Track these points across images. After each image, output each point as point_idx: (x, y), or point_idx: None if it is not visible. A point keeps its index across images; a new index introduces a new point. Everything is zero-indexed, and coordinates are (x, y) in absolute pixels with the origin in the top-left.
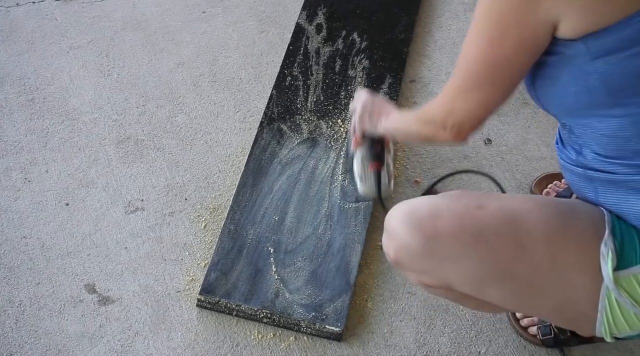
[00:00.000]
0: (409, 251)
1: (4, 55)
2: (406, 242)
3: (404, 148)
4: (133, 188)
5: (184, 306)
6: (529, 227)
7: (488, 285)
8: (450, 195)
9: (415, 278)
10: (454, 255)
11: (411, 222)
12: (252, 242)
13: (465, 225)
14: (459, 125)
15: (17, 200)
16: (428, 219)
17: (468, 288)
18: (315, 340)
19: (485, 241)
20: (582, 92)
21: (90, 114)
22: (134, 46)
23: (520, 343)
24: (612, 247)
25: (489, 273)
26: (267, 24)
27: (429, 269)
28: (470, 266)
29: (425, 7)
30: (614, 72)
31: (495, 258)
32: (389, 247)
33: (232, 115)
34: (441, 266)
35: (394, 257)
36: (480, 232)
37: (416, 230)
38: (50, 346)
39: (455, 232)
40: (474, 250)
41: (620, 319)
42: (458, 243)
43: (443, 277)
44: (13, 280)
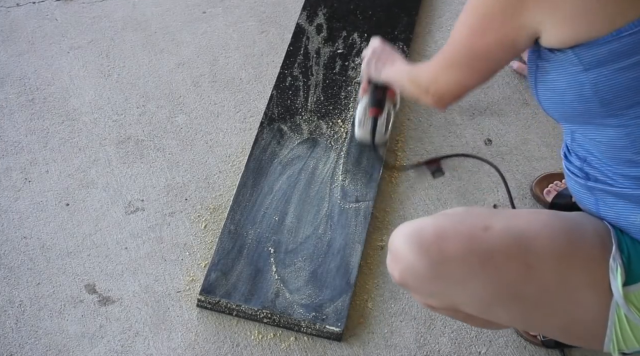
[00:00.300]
0: (415, 274)
1: (4, 55)
2: (411, 264)
3: (404, 148)
4: (133, 188)
5: (184, 306)
6: (536, 248)
7: (495, 307)
8: (454, 214)
9: (421, 300)
10: (461, 277)
11: (416, 244)
12: (252, 241)
13: (472, 247)
14: (440, 94)
15: (17, 200)
16: (433, 241)
17: (475, 309)
18: (315, 340)
19: (492, 263)
20: (577, 101)
21: (90, 114)
22: (134, 46)
23: (520, 343)
24: (620, 261)
25: (497, 295)
26: (267, 24)
27: (435, 292)
28: (478, 288)
29: (425, 7)
30: (605, 84)
31: (503, 280)
32: (394, 268)
33: (232, 115)
34: (448, 288)
35: (399, 278)
36: (488, 254)
37: (422, 253)
38: (50, 346)
39: (462, 254)
40: (482, 273)
41: (629, 334)
42: (465, 266)
43: (450, 299)
44: (13, 280)
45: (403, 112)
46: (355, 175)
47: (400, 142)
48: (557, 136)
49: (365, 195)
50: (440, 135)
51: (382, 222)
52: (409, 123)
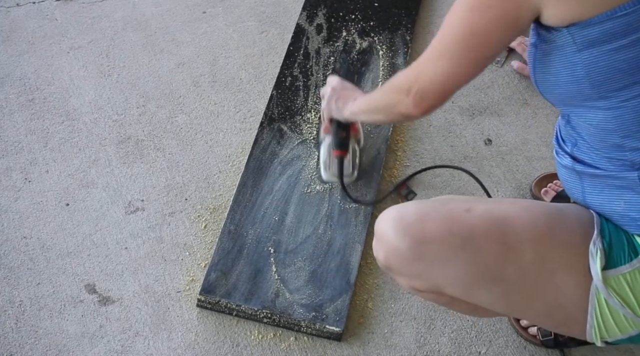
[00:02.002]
0: (398, 254)
1: (4, 55)
2: (395, 245)
3: (404, 148)
4: (133, 188)
5: (184, 306)
6: (516, 229)
7: (477, 288)
8: (438, 199)
9: (406, 283)
10: (443, 258)
11: (399, 226)
12: (252, 241)
13: (454, 228)
14: (422, 92)
15: (17, 200)
16: (416, 222)
17: (458, 291)
18: (315, 340)
19: (473, 243)
20: (570, 82)
21: (90, 114)
22: (134, 46)
23: (520, 343)
24: (601, 246)
25: (478, 276)
26: (267, 24)
27: (418, 273)
28: (459, 268)
29: (425, 7)
30: (596, 65)
31: (483, 260)
32: (379, 250)
33: (232, 115)
34: (430, 269)
35: (383, 260)
36: (468, 235)
37: (404, 234)
38: (50, 346)
39: (443, 234)
40: (462, 253)
41: (610, 321)
42: (446, 246)
43: (432, 280)
44: (13, 280)
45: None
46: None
47: (400, 142)
48: None
49: (365, 194)
50: (440, 135)
51: None
52: (409, 123)
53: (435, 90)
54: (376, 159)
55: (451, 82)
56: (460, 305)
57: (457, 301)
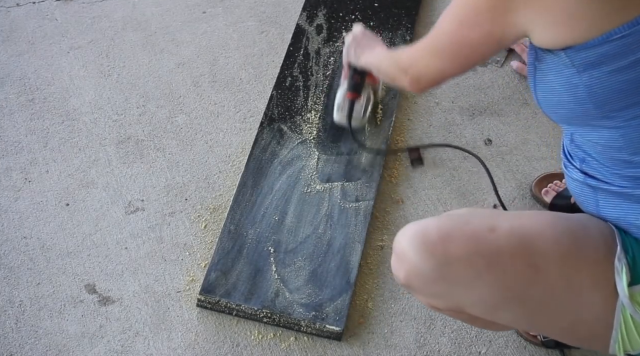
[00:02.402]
0: (420, 275)
1: (4, 55)
2: (417, 265)
3: (404, 148)
4: (133, 188)
5: (184, 306)
6: (541, 249)
7: (501, 308)
8: (458, 214)
9: (426, 301)
10: (467, 279)
11: (421, 246)
12: (252, 241)
13: (478, 248)
14: (417, 77)
15: (17, 200)
16: (439, 242)
17: (480, 311)
18: (315, 340)
19: (498, 265)
20: (573, 102)
21: (90, 114)
22: (134, 46)
23: (520, 343)
24: (625, 261)
25: (502, 297)
26: (267, 24)
27: (440, 293)
28: (483, 290)
29: (425, 7)
30: (598, 86)
31: (509, 281)
32: (399, 269)
33: (232, 115)
34: (453, 290)
35: (404, 280)
36: (494, 256)
37: (427, 254)
38: (50, 346)
39: (467, 256)
40: (487, 274)
41: (635, 335)
42: (471, 267)
43: (454, 301)
44: (13, 280)
45: (403, 112)
46: (355, 174)
47: (400, 142)
48: (557, 136)
49: (365, 194)
50: (440, 135)
51: (382, 222)
52: (409, 123)
53: (428, 79)
54: (376, 159)
55: (442, 75)
56: (479, 321)
57: (477, 319)
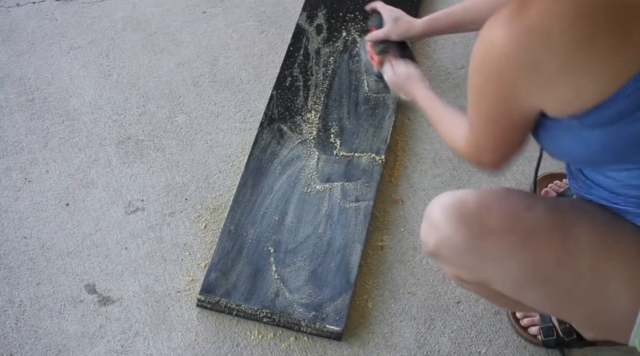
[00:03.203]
0: (452, 245)
1: (4, 55)
2: (449, 234)
3: (404, 148)
4: (133, 188)
5: (184, 306)
6: (576, 234)
7: (527, 288)
8: (494, 190)
9: (451, 271)
10: (499, 254)
11: (457, 214)
12: (252, 241)
13: (514, 224)
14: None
15: (17, 200)
16: (475, 214)
17: (507, 288)
18: (315, 340)
19: (532, 244)
20: (586, 153)
21: (90, 114)
22: (134, 46)
23: (520, 343)
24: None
25: (531, 276)
26: (267, 24)
27: (469, 265)
28: (514, 267)
29: (425, 7)
30: (613, 140)
31: (540, 262)
32: (430, 236)
33: (232, 115)
34: (483, 264)
35: (433, 248)
36: (529, 234)
37: (462, 225)
38: (50, 346)
39: (503, 230)
40: (520, 252)
41: None
42: (505, 243)
43: (482, 274)
44: (13, 280)
45: (403, 112)
46: (355, 174)
47: (400, 142)
48: None
49: (365, 194)
50: None
51: (382, 222)
52: (408, 123)
53: (502, 165)
54: (376, 159)
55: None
56: (501, 299)
57: (499, 296)
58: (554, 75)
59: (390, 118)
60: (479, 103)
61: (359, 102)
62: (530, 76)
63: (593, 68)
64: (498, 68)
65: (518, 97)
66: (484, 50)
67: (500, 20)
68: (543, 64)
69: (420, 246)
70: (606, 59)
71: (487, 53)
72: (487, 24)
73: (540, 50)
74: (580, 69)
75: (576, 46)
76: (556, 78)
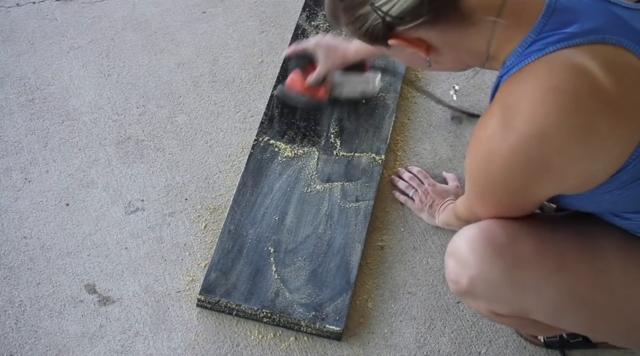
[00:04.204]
0: (487, 280)
1: (4, 55)
2: (484, 270)
3: (404, 148)
4: (133, 188)
5: (184, 306)
6: (604, 250)
7: (566, 312)
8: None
9: (486, 308)
10: (536, 282)
11: (489, 249)
12: (252, 241)
13: (546, 250)
14: None
15: (17, 200)
16: (506, 246)
17: (546, 315)
18: (315, 340)
19: (566, 266)
20: (597, 208)
21: (90, 114)
22: (134, 46)
23: (520, 343)
24: None
25: (569, 300)
26: (267, 24)
27: (506, 298)
28: (552, 293)
29: None
30: (624, 199)
31: (575, 283)
32: (460, 275)
33: (232, 115)
34: (521, 294)
35: (467, 286)
36: (561, 257)
37: (495, 259)
38: (50, 346)
39: (537, 258)
40: (556, 276)
41: None
42: (540, 270)
43: (520, 306)
44: (13, 280)
45: (403, 112)
46: (355, 174)
47: (401, 142)
48: None
49: (365, 194)
50: (440, 135)
51: (382, 222)
52: (409, 123)
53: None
54: (376, 159)
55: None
56: (537, 326)
57: (535, 324)
58: (562, 167)
59: (390, 118)
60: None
61: (359, 102)
62: (540, 174)
63: (595, 150)
64: (503, 175)
65: (530, 192)
66: (483, 161)
67: (492, 129)
68: (550, 162)
69: (421, 246)
70: (605, 139)
71: (489, 165)
72: (477, 132)
73: (543, 152)
74: (584, 155)
75: (574, 135)
76: (565, 170)
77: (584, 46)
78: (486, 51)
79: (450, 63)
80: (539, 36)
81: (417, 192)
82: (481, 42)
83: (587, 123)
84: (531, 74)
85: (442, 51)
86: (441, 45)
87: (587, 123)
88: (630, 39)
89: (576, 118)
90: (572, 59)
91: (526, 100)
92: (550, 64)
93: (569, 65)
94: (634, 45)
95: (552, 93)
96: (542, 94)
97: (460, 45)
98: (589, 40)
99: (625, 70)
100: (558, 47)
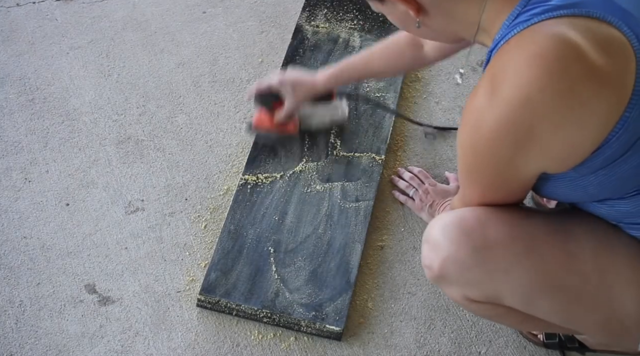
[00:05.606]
0: (457, 262)
1: (4, 55)
2: (453, 252)
3: (404, 148)
4: (133, 188)
5: (184, 306)
6: (577, 237)
7: (538, 297)
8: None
9: (459, 293)
10: (506, 265)
11: (458, 231)
12: (252, 241)
13: (515, 233)
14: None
15: (17, 200)
16: (476, 228)
17: (518, 300)
18: (315, 340)
19: (536, 249)
20: (584, 195)
21: (90, 114)
22: (134, 46)
23: (520, 343)
24: None
25: (540, 284)
26: (267, 24)
27: (477, 281)
28: (522, 276)
29: None
30: (608, 180)
31: (546, 267)
32: (433, 259)
33: (232, 115)
34: (491, 277)
35: (438, 269)
36: (531, 240)
37: (465, 240)
38: (50, 346)
39: (506, 240)
40: (526, 259)
41: None
42: (510, 252)
43: (492, 289)
44: (13, 280)
45: (403, 112)
46: (355, 174)
47: (401, 142)
48: None
49: (365, 194)
50: (440, 135)
51: (382, 222)
52: (408, 123)
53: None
54: (376, 159)
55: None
56: (512, 317)
57: (510, 313)
58: (546, 134)
59: (390, 118)
60: (472, 178)
61: (359, 102)
62: (525, 144)
63: (579, 117)
64: (490, 146)
65: (517, 167)
66: (471, 131)
67: (480, 99)
68: (534, 128)
69: (421, 246)
70: (589, 106)
71: (476, 135)
72: (467, 104)
73: (526, 116)
74: (568, 121)
75: (559, 100)
76: (549, 137)
77: (569, 17)
78: (477, 22)
79: (440, 30)
80: (525, 8)
81: (417, 191)
82: (472, 11)
83: (571, 87)
84: (517, 44)
85: (433, 14)
86: (432, 8)
87: (571, 88)
88: (615, 15)
89: (560, 83)
90: (556, 28)
91: (511, 67)
92: (535, 34)
93: (553, 34)
94: (618, 21)
95: (536, 59)
96: (527, 60)
97: (451, 11)
98: (573, 12)
99: (609, 42)
100: (543, 18)
